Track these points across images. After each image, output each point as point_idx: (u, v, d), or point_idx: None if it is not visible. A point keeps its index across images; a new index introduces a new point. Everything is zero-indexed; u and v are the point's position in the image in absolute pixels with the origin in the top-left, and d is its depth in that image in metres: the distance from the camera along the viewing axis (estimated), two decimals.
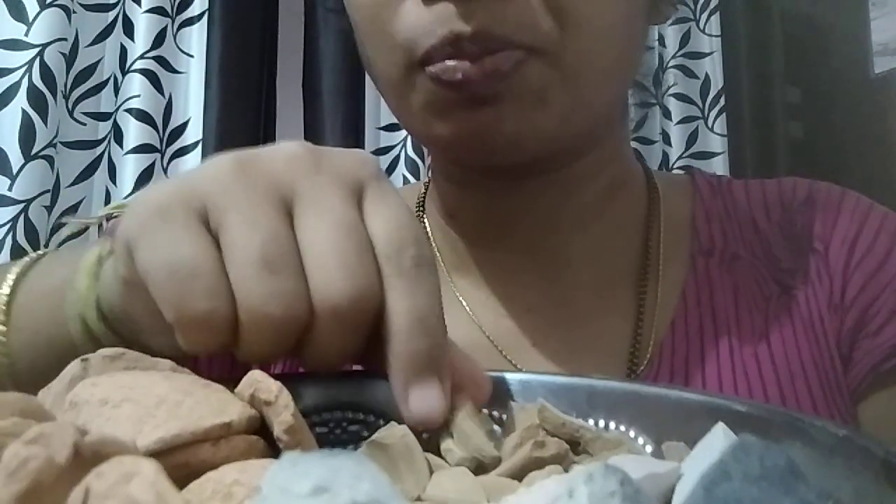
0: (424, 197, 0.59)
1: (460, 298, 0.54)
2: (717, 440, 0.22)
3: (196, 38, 1.36)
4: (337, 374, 0.29)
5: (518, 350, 0.51)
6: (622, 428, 0.27)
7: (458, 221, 0.56)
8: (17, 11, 1.17)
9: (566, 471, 0.24)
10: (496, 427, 0.28)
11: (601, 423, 0.28)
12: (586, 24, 0.42)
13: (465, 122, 0.43)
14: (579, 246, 0.53)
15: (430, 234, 0.57)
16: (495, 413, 0.29)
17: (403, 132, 1.46)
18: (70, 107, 1.25)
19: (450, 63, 0.41)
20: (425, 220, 0.58)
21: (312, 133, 1.48)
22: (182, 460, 0.21)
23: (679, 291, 0.52)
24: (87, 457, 0.17)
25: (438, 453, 0.26)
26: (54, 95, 1.18)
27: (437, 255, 0.56)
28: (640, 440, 0.27)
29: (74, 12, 1.23)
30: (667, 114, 1.70)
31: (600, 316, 0.52)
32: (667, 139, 1.70)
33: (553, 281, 0.53)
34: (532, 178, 0.50)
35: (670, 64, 1.70)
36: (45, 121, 1.17)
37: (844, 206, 0.54)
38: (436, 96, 0.43)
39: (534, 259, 0.53)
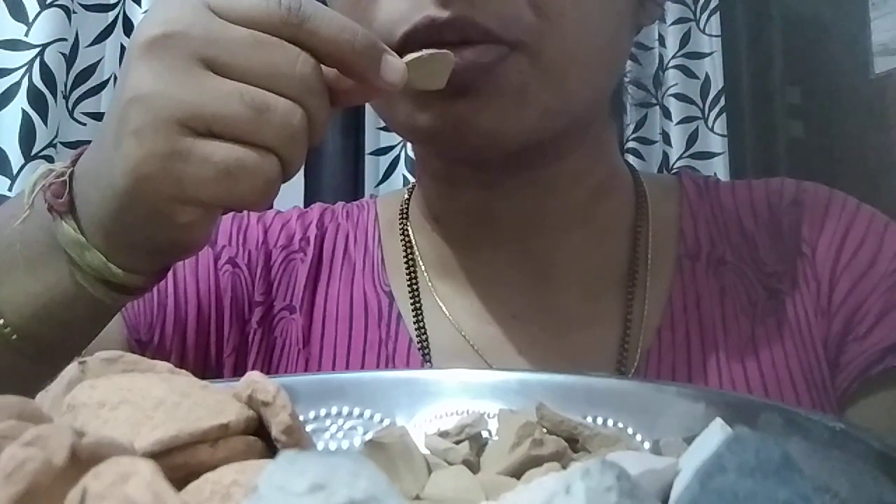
0: (408, 203, 0.59)
1: (442, 305, 0.53)
2: (715, 435, 0.22)
3: None
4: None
5: (503, 358, 0.50)
6: (620, 425, 0.27)
7: (442, 225, 0.55)
8: (17, 11, 1.17)
9: (565, 468, 0.24)
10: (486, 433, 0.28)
11: (599, 420, 0.28)
12: (567, 18, 0.42)
13: (444, 114, 0.43)
14: (566, 250, 0.52)
15: (413, 239, 0.56)
16: (486, 415, 0.29)
17: None
18: (70, 107, 1.25)
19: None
20: (409, 226, 0.57)
21: None
22: (180, 461, 0.21)
23: (666, 296, 0.52)
24: (84, 459, 0.17)
25: None
26: (54, 95, 1.18)
27: (420, 260, 0.55)
28: (639, 437, 0.27)
29: (74, 12, 1.23)
30: (667, 114, 1.70)
31: (587, 323, 0.51)
32: (667, 139, 1.70)
33: (539, 286, 0.52)
34: (516, 176, 0.50)
35: (670, 64, 1.69)
36: (45, 121, 1.17)
37: (832, 208, 0.53)
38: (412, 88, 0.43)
39: (519, 263, 0.52)
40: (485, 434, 0.28)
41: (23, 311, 0.39)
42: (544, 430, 0.27)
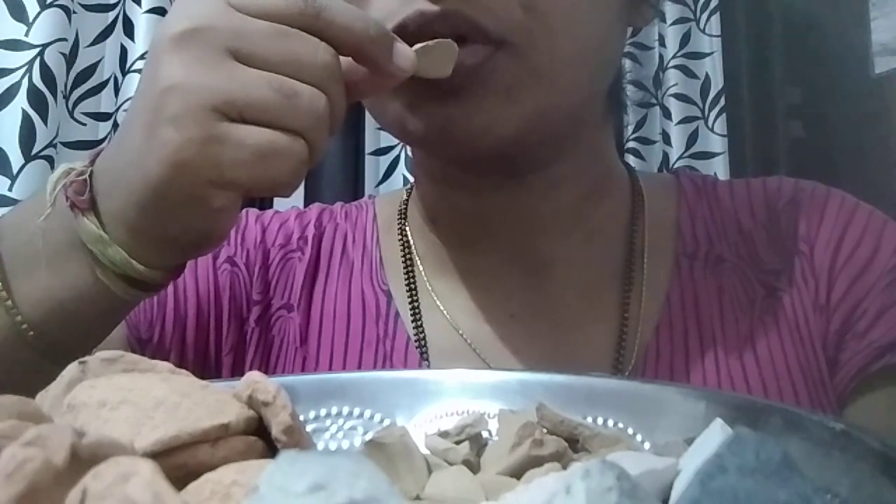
0: (407, 203, 0.59)
1: (439, 304, 0.53)
2: (716, 436, 0.22)
3: None
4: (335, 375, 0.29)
5: (500, 357, 0.50)
6: (620, 425, 0.27)
7: (439, 226, 0.55)
8: (17, 11, 1.17)
9: (565, 468, 0.24)
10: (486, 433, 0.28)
11: (599, 420, 0.28)
12: (556, 17, 0.42)
13: (433, 116, 0.44)
14: (563, 250, 0.52)
15: (411, 240, 0.57)
16: (487, 415, 0.29)
17: None
18: (70, 107, 1.25)
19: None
20: (407, 228, 0.57)
21: None
22: (180, 461, 0.21)
23: (664, 295, 0.52)
24: (84, 458, 0.17)
25: None
26: (54, 96, 1.18)
27: (418, 260, 0.56)
28: (639, 437, 0.27)
29: (74, 12, 1.23)
30: (667, 114, 1.70)
31: (585, 321, 0.51)
32: (667, 139, 1.70)
33: (536, 286, 0.52)
34: (511, 179, 0.50)
35: (670, 64, 1.69)
36: (45, 121, 1.17)
37: (829, 206, 0.54)
38: (405, 88, 0.43)
39: (517, 264, 0.52)
40: (485, 434, 0.28)
41: (40, 307, 0.40)
42: (544, 430, 0.27)
